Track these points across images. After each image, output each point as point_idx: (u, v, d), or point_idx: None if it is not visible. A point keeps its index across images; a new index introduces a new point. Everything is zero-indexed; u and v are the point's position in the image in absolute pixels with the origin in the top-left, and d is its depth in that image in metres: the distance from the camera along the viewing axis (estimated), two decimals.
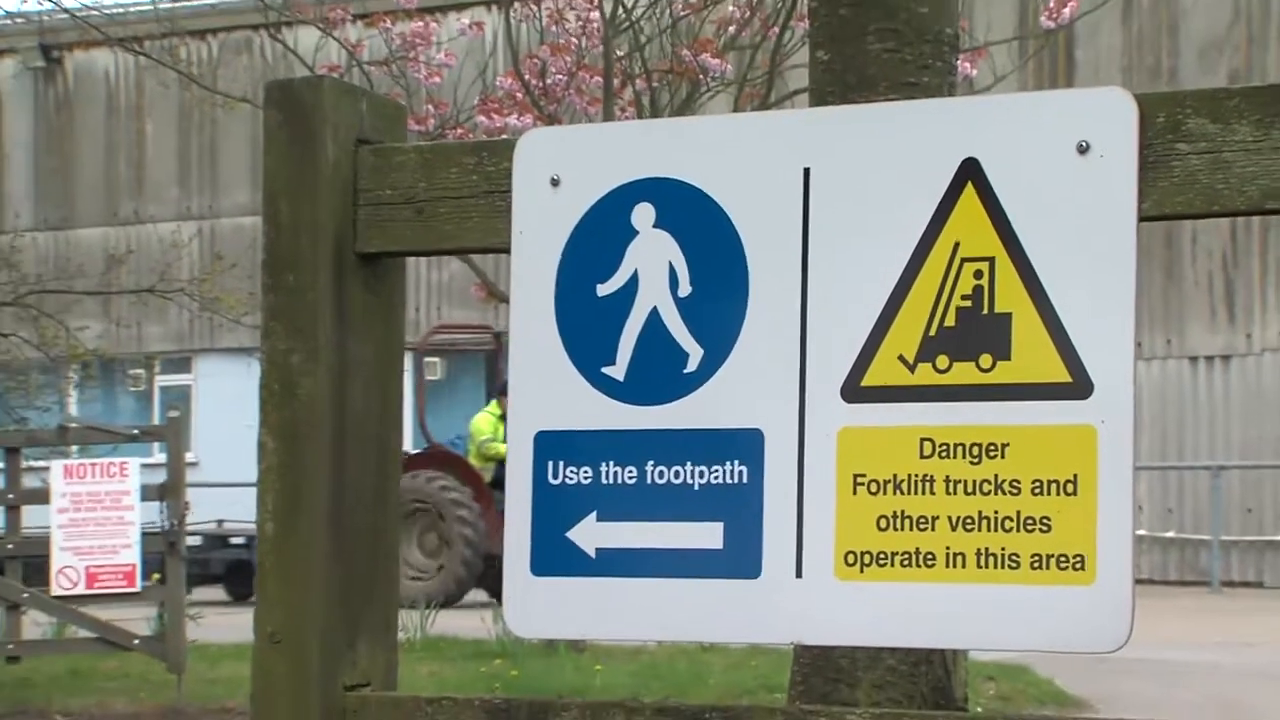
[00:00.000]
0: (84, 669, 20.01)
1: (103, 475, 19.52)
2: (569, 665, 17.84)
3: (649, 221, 3.40)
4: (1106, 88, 3.22)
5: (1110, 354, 3.15)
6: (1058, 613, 3.15)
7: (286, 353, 3.64)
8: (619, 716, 3.40)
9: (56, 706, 18.79)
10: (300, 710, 3.59)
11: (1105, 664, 13.19)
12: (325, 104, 3.67)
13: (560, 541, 3.44)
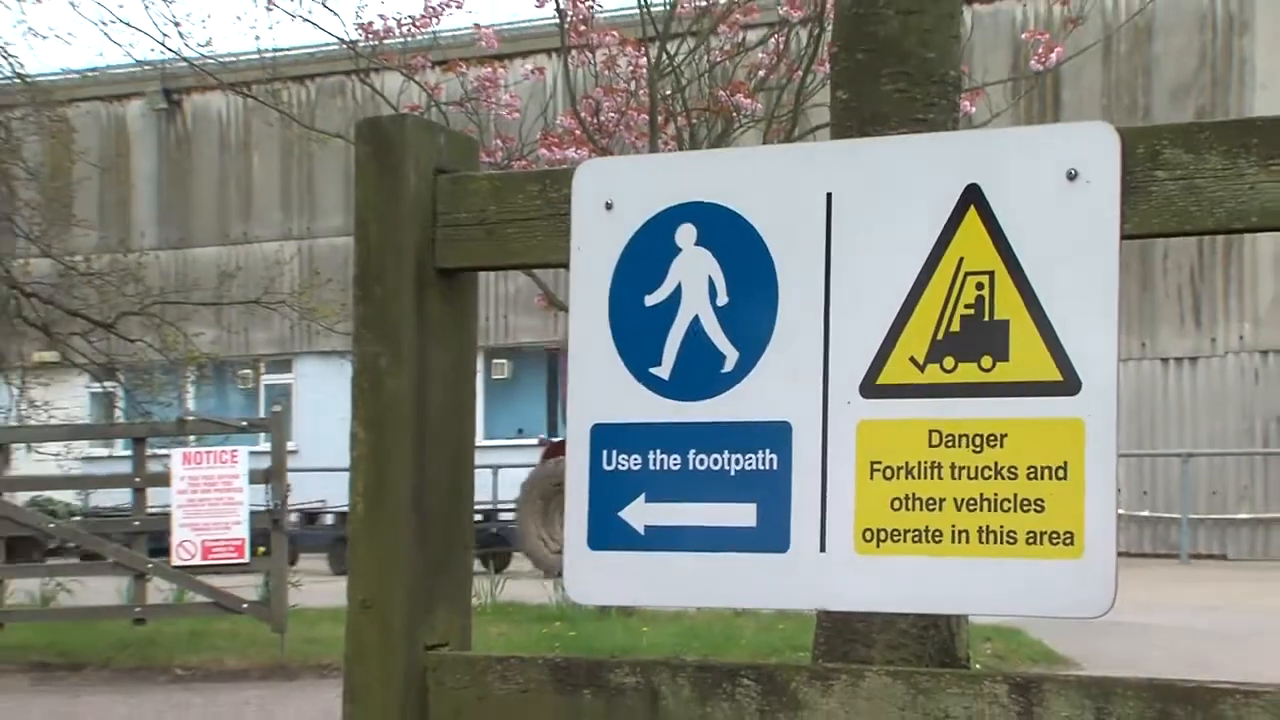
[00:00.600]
0: (200, 630, 20.03)
1: (216, 461, 19.63)
2: (619, 628, 17.84)
3: (691, 240, 3.39)
4: (1093, 122, 3.21)
5: (1096, 356, 3.13)
6: (1050, 583, 3.13)
7: (375, 355, 3.63)
8: (665, 673, 3.38)
9: (177, 662, 18.86)
10: (387, 667, 3.58)
11: (1087, 626, 13.15)
12: (408, 139, 3.66)
13: (613, 520, 3.43)
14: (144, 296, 31.95)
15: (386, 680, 3.59)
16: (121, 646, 19.74)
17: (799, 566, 3.29)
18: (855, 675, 3.26)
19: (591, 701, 3.45)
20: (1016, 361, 3.17)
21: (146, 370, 32.80)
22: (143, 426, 23.34)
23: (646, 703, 3.39)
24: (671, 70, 20.09)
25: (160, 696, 17.22)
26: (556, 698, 3.48)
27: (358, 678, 3.63)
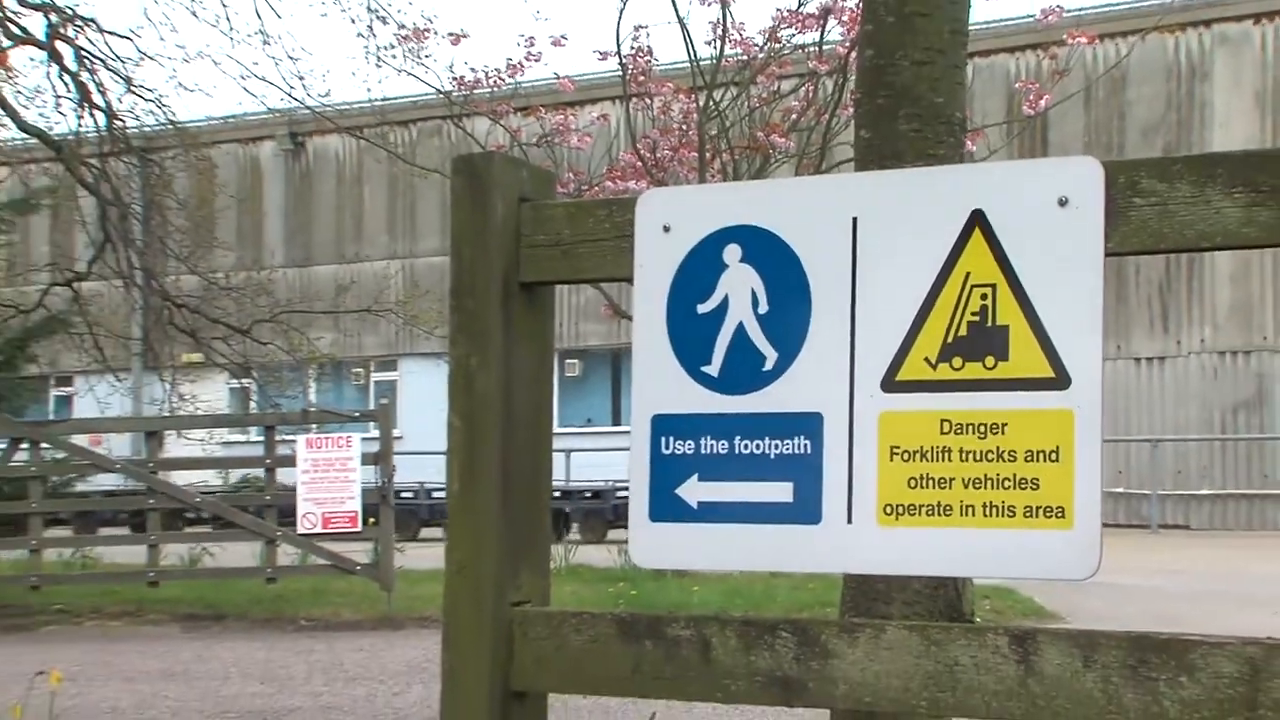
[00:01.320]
0: (321, 588, 20.11)
1: (333, 446, 19.80)
2: (674, 587, 17.85)
3: (736, 258, 3.37)
4: (1080, 156, 3.19)
5: (1083, 356, 3.11)
6: (1044, 550, 3.10)
7: (467, 357, 3.61)
8: (714, 626, 3.36)
9: (301, 614, 18.94)
10: (479, 621, 3.56)
11: (1072, 585, 13.08)
12: (496, 172, 3.64)
13: (670, 496, 3.41)
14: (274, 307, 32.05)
15: (478, 632, 3.57)
16: (255, 601, 19.88)
17: (829, 536, 3.27)
18: (877, 629, 3.24)
19: (652, 650, 3.42)
20: (1015, 361, 3.15)
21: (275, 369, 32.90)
22: (273, 416, 23.42)
23: (699, 652, 3.36)
24: (717, 114, 20.08)
25: (288, 643, 17.26)
26: (622, 647, 3.46)
27: (454, 630, 3.61)
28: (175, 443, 26.60)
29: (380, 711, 11.91)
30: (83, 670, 13.81)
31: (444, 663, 3.63)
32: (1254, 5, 37.73)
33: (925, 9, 4.59)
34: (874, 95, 4.61)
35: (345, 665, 14.94)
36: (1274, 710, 2.86)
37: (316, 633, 18.07)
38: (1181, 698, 2.95)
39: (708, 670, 3.37)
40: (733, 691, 3.35)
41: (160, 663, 15.53)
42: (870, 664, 3.22)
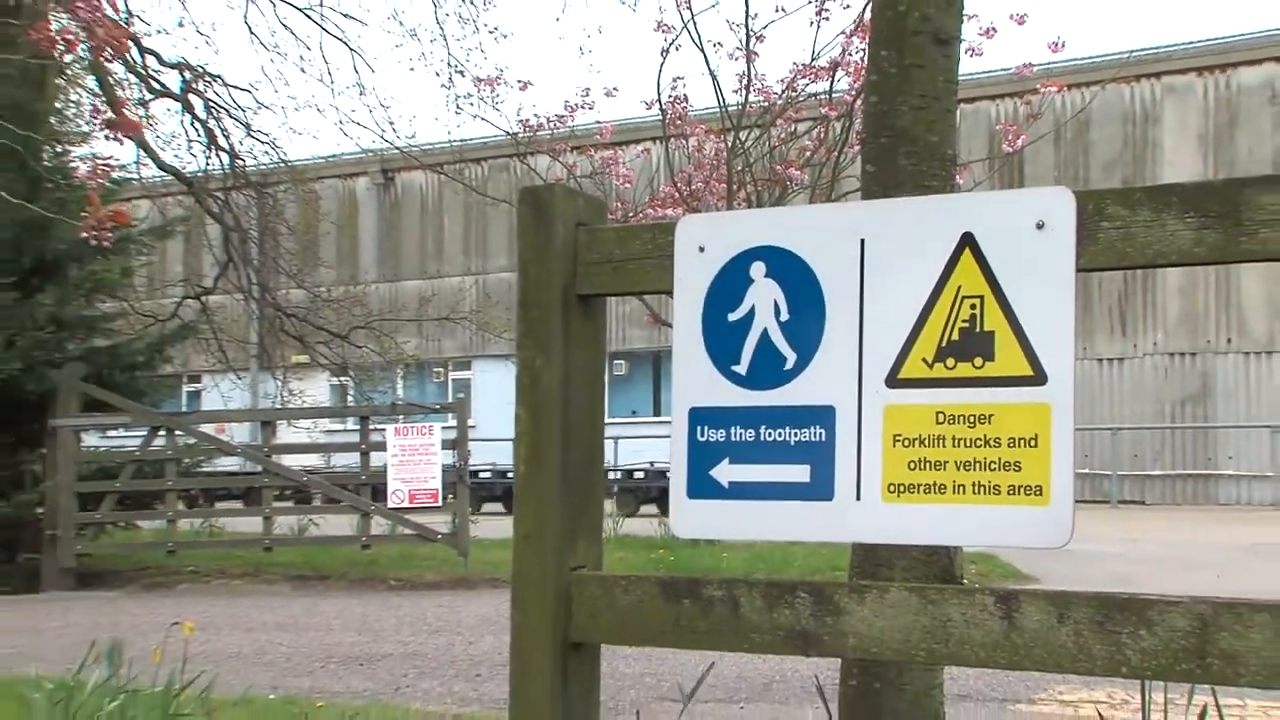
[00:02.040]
0: (407, 554, 20.18)
1: (418, 434, 19.97)
2: (706, 554, 17.87)
3: (761, 273, 3.34)
4: (1056, 187, 3.15)
5: (1058, 357, 3.08)
6: (1024, 523, 3.08)
7: (532, 358, 3.59)
8: (743, 588, 3.34)
9: (391, 576, 19.03)
10: (543, 582, 3.54)
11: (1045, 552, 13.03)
12: (556, 202, 3.62)
13: (705, 477, 3.39)
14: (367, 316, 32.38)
15: (542, 592, 3.55)
16: (353, 565, 19.96)
17: (840, 511, 3.25)
18: (882, 590, 3.22)
19: (689, 608, 3.40)
20: (1000, 361, 3.12)
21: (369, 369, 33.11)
22: (367, 409, 23.74)
23: (730, 609, 3.34)
24: (743, 152, 20.07)
25: (380, 599, 17.32)
26: (664, 605, 3.44)
27: (521, 590, 3.59)
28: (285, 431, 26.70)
29: (458, 658, 11.91)
30: (211, 621, 13.87)
31: (513, 618, 3.61)
32: (1197, 61, 37.75)
33: (922, 62, 4.56)
34: (878, 135, 4.59)
35: (427, 619, 14.96)
36: (1220, 659, 2.85)
37: (403, 591, 18.14)
38: (1141, 648, 2.93)
39: (737, 625, 3.35)
40: (758, 643, 3.33)
41: (274, 615, 15.58)
42: (876, 620, 3.20)
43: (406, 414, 23.51)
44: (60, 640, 12.31)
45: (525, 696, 3.59)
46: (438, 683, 10.53)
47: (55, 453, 19.93)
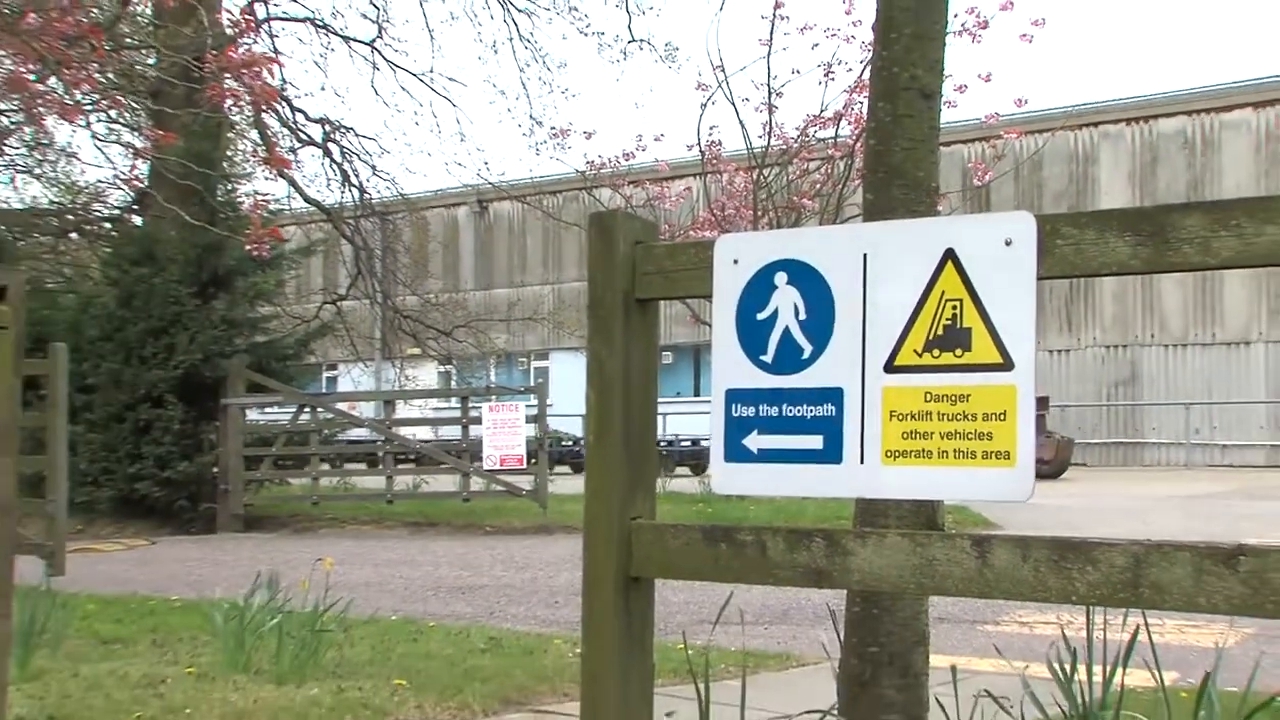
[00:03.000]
0: (498, 506, 20.22)
1: (507, 410, 20.10)
2: (736, 507, 17.86)
3: (784, 281, 3.31)
4: (1020, 211, 3.13)
5: (1022, 349, 3.05)
6: (995, 481, 3.05)
7: (599, 350, 3.58)
8: (769, 534, 3.32)
9: (486, 524, 19.09)
10: (608, 529, 3.53)
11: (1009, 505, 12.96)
12: (619, 225, 3.60)
13: (739, 445, 3.37)
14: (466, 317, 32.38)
15: (608, 538, 3.53)
16: (456, 514, 20.04)
17: (847, 472, 3.22)
18: (880, 536, 3.19)
19: (726, 550, 3.38)
20: (976, 352, 3.08)
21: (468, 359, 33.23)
22: (466, 390, 23.87)
23: (759, 551, 3.32)
24: (766, 185, 20.08)
25: (477, 542, 17.37)
26: (705, 548, 3.42)
27: (591, 536, 3.58)
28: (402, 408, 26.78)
29: (540, 589, 11.93)
30: (345, 558, 13.93)
31: (585, 558, 3.60)
32: (1126, 114, 37.77)
33: (911, 113, 4.53)
34: (876, 171, 4.56)
35: (515, 558, 14.99)
36: (1150, 589, 2.84)
37: (496, 536, 18.17)
38: (1088, 580, 2.92)
39: (764, 563, 3.33)
40: (781, 578, 3.31)
41: (394, 554, 15.64)
42: (876, 559, 3.17)
43: (498, 395, 23.78)
44: (232, 571, 12.41)
45: (595, 619, 3.58)
46: (524, 608, 10.55)
47: (226, 425, 20.58)
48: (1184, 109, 37.01)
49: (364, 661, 7.25)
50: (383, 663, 7.24)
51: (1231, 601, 2.77)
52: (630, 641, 3.57)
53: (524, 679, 6.82)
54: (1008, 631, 8.62)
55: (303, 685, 6.55)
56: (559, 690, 6.63)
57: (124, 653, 7.75)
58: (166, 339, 20.46)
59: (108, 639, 8.25)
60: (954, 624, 8.74)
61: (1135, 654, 4.38)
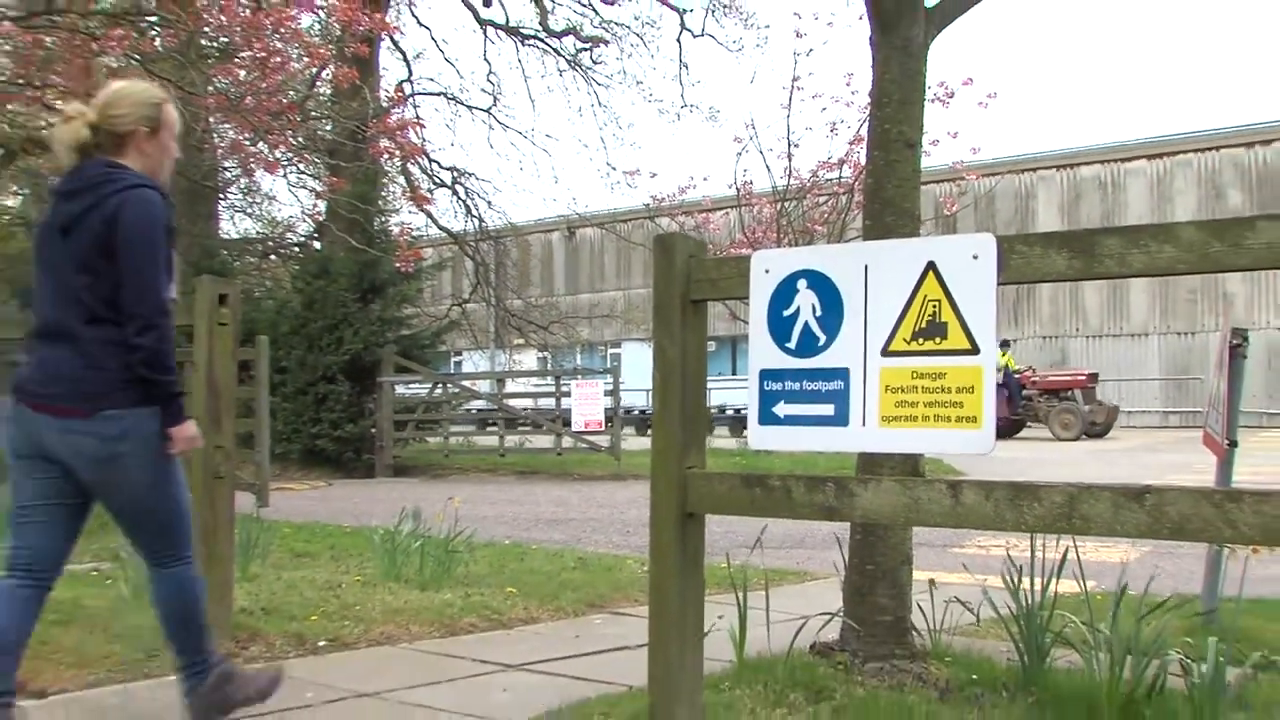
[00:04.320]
0: (584, 460, 20.23)
1: (590, 386, 20.14)
2: (763, 460, 17.74)
3: (805, 286, 3.25)
4: (985, 233, 3.07)
5: (986, 339, 3.01)
6: (965, 439, 3.01)
7: (662, 340, 3.54)
8: (792, 480, 3.29)
9: (574, 473, 19.15)
10: (669, 477, 3.50)
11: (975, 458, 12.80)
12: (677, 243, 3.56)
13: (770, 412, 3.32)
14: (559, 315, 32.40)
15: (669, 483, 3.50)
16: (552, 466, 20.07)
17: (853, 432, 3.17)
18: (878, 481, 3.14)
19: (759, 493, 3.35)
20: (950, 340, 3.03)
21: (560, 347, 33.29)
22: (559, 371, 23.87)
23: (785, 493, 3.28)
24: (786, 215, 20.03)
25: (568, 485, 17.39)
26: (744, 490, 3.38)
27: (656, 481, 3.55)
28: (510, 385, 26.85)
29: (615, 522, 11.93)
30: (469, 498, 13.95)
31: (652, 498, 3.57)
32: (1057, 162, 37.36)
33: (899, 159, 4.48)
34: (873, 203, 4.51)
35: (597, 498, 14.99)
36: (1081, 519, 2.83)
37: (582, 482, 18.16)
38: (1035, 513, 2.89)
39: (789, 502, 3.29)
40: (801, 513, 3.28)
41: (506, 495, 15.68)
42: (874, 499, 3.13)
43: (583, 374, 23.71)
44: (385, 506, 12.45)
45: (659, 545, 3.55)
46: (603, 536, 10.55)
47: (381, 397, 20.69)
48: (1099, 159, 36.87)
49: (484, 574, 7.27)
50: (498, 575, 7.26)
51: (1139, 528, 2.80)
52: (686, 562, 3.55)
53: (604, 589, 6.82)
54: (970, 553, 8.54)
55: (439, 591, 6.58)
56: (631, 598, 6.62)
57: (311, 564, 7.82)
58: (337, 333, 20.79)
59: (299, 553, 8.33)
60: (930, 548, 8.66)
61: (1065, 569, 4.36)
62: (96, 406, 3.43)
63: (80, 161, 3.60)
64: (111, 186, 3.50)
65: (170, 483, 3.64)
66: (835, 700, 3.92)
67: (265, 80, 12.03)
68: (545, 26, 27.07)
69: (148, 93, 3.72)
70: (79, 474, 3.50)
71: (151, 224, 3.48)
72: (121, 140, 3.62)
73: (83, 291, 3.47)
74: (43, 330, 3.53)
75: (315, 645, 5.23)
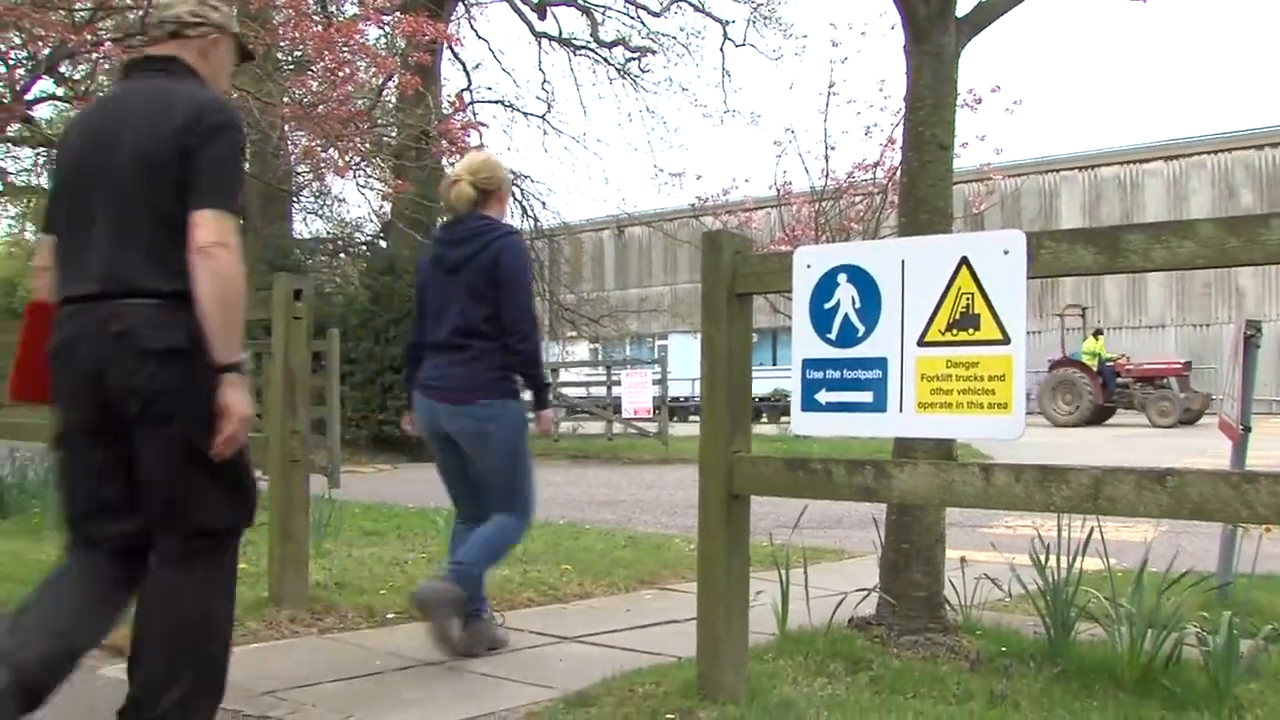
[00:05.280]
0: (633, 444, 20.22)
1: (639, 375, 20.10)
2: (803, 444, 17.68)
3: (845, 280, 3.24)
4: (1015, 230, 3.06)
5: (1016, 329, 2.99)
6: (997, 425, 3.01)
7: (710, 331, 3.55)
8: (832, 463, 3.29)
9: (624, 457, 19.12)
10: (717, 460, 3.51)
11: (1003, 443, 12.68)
12: (724, 240, 3.57)
13: (812, 399, 3.31)
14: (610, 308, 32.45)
15: (717, 465, 3.51)
16: (602, 450, 20.07)
17: (890, 418, 3.16)
18: (914, 464, 3.14)
19: (802, 475, 3.34)
20: (983, 331, 3.01)
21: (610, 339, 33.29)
22: (609, 361, 23.81)
23: (826, 476, 3.28)
24: (824, 214, 19.92)
25: (618, 470, 17.38)
26: (787, 473, 3.39)
27: (705, 464, 3.55)
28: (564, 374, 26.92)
29: (664, 503, 11.93)
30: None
31: (700, 481, 3.58)
32: (1079, 163, 37.01)
33: (932, 160, 4.44)
34: (907, 202, 4.48)
35: (646, 480, 15.01)
36: (1106, 500, 2.82)
37: (631, 465, 18.16)
38: (1062, 494, 2.89)
39: (830, 483, 3.29)
40: (841, 495, 3.28)
41: (561, 478, 15.71)
42: (910, 481, 3.12)
43: (632, 364, 23.72)
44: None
45: (707, 525, 3.56)
46: (652, 516, 10.56)
47: None
48: (1118, 160, 36.47)
49: (540, 552, 7.29)
50: (554, 553, 7.28)
51: (1161, 508, 2.78)
52: (732, 540, 3.55)
53: (654, 566, 6.82)
54: (998, 533, 8.47)
55: (499, 568, 6.61)
56: (679, 575, 6.61)
57: (378, 541, 7.88)
58: (402, 326, 20.83)
59: (368, 531, 8.40)
60: (960, 528, 8.59)
61: (1088, 548, 4.34)
62: (475, 397, 4.33)
63: (461, 214, 4.50)
64: (491, 235, 4.41)
65: (522, 457, 4.49)
66: (873, 670, 3.90)
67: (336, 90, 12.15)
68: (596, 38, 27.07)
69: (499, 161, 4.69)
70: (462, 446, 4.44)
71: (524, 263, 4.44)
72: (487, 197, 4.51)
73: (471, 314, 4.34)
74: (438, 344, 4.43)
75: (384, 617, 5.27)
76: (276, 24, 11.86)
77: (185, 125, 2.74)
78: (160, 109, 2.79)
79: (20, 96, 11.51)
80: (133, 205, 2.76)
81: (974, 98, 19.19)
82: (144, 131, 2.77)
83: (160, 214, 2.74)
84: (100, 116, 2.93)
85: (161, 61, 2.95)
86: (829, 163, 20.17)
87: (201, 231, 2.68)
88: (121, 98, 2.94)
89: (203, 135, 2.74)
